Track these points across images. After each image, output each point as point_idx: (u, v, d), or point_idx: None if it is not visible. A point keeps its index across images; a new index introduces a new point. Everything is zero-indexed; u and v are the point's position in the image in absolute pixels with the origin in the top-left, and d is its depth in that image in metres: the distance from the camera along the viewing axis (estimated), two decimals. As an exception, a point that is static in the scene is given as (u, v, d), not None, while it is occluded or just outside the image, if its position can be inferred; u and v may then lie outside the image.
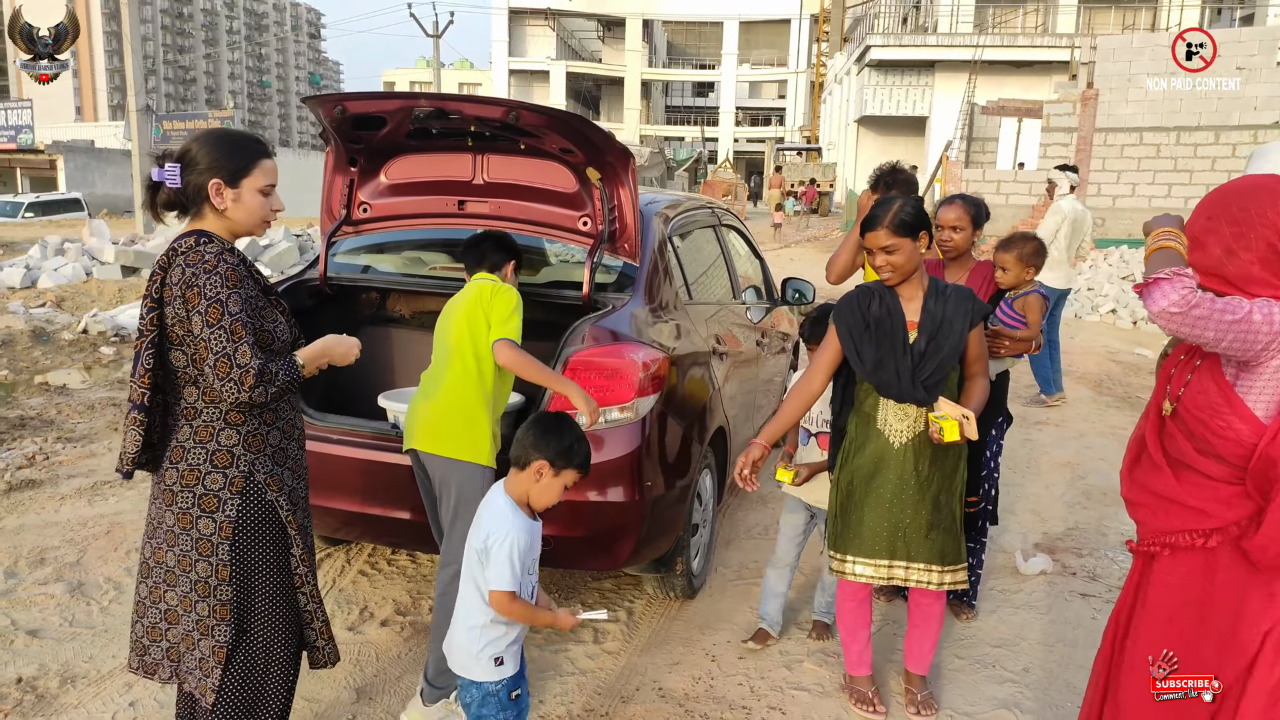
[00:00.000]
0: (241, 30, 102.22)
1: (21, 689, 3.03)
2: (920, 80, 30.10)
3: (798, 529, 3.43)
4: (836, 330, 2.85)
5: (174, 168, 2.17)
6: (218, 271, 2.09)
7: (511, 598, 2.22)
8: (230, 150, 2.20)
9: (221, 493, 2.18)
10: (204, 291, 2.07)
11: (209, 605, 2.21)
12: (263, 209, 2.25)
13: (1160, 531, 1.95)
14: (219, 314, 2.07)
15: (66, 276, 11.38)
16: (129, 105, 18.86)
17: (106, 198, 33.18)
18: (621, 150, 3.27)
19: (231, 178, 2.19)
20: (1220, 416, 1.84)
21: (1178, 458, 1.94)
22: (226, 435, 2.18)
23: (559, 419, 2.34)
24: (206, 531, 2.18)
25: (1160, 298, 1.78)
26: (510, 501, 2.29)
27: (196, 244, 2.14)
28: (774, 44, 64.38)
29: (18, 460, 5.32)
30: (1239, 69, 14.12)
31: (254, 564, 2.23)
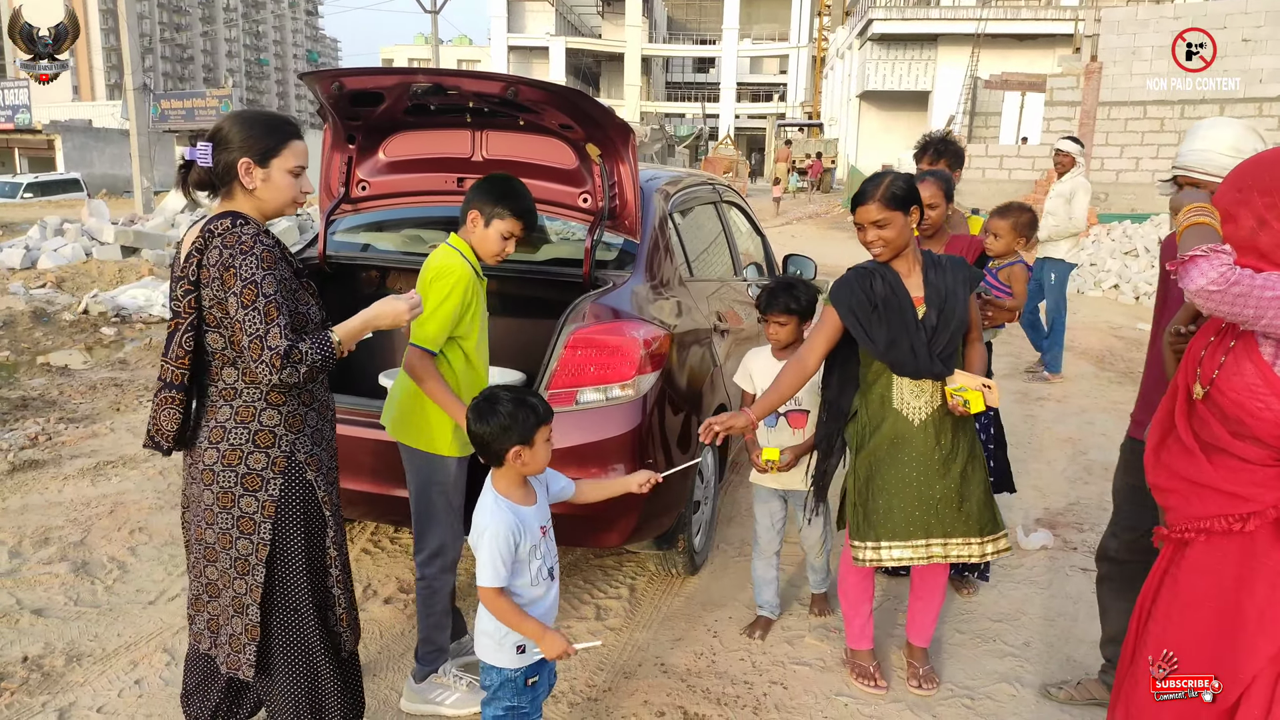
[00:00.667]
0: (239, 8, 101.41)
1: (28, 668, 3.05)
2: (923, 54, 29.88)
3: (775, 516, 3.38)
4: (838, 312, 2.79)
5: (206, 146, 2.17)
6: (254, 253, 2.09)
7: (497, 594, 2.18)
8: (261, 130, 2.20)
9: (264, 472, 2.19)
10: (240, 273, 2.07)
11: (246, 583, 2.22)
12: (292, 189, 2.24)
13: (1194, 517, 1.90)
14: (254, 295, 2.07)
15: (66, 257, 11.36)
16: (126, 84, 18.73)
17: (105, 177, 33.08)
18: (621, 126, 3.25)
19: (261, 157, 2.18)
20: (1258, 398, 1.77)
21: (1211, 442, 1.89)
22: (269, 415, 2.20)
23: (490, 402, 2.21)
24: (249, 510, 2.20)
25: (1198, 275, 1.72)
26: (495, 494, 2.25)
27: (233, 225, 2.12)
28: (775, 18, 63.87)
29: (20, 441, 5.33)
30: (1245, 41, 13.98)
31: (290, 544, 2.25)
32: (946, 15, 29.27)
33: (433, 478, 2.73)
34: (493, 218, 2.71)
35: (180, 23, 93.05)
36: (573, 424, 3.07)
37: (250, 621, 2.24)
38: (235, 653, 2.27)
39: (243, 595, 2.23)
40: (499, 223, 2.71)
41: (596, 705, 2.94)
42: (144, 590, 3.63)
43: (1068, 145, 7.32)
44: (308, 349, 2.10)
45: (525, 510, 2.27)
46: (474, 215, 2.73)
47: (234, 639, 2.27)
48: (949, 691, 3.06)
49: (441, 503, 2.75)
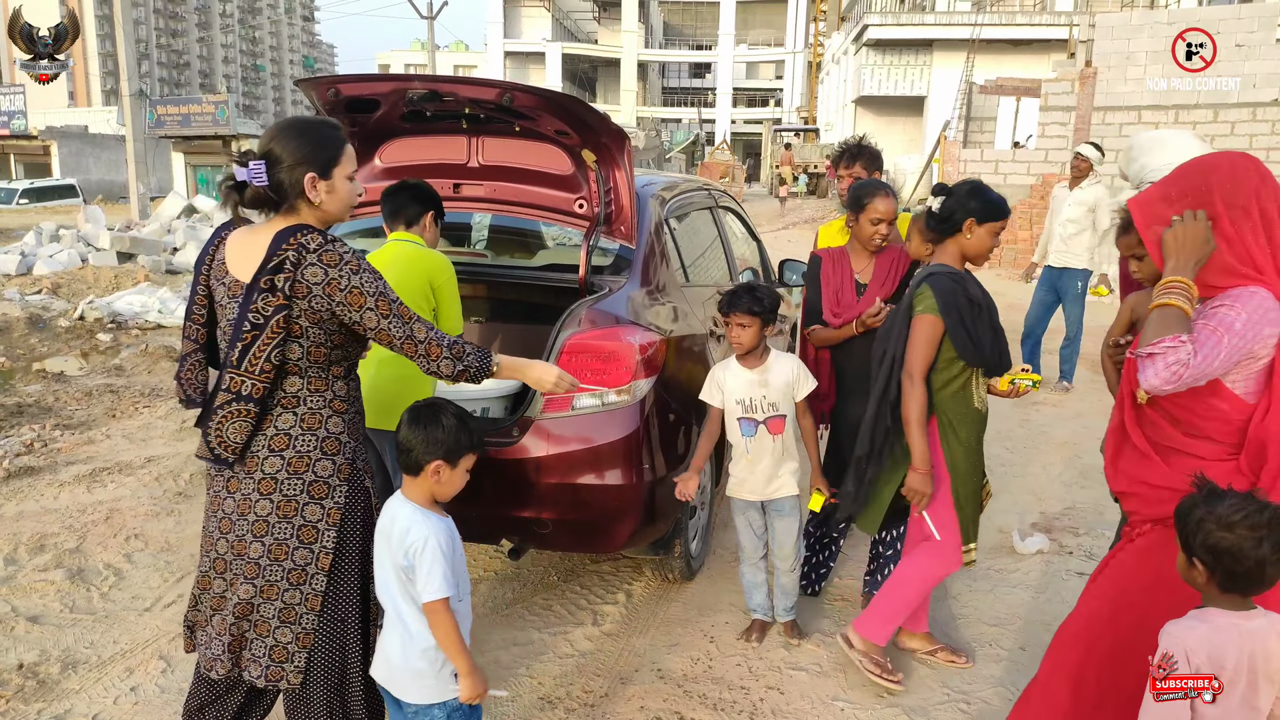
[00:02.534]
0: (235, 14, 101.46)
1: (23, 675, 3.05)
2: (918, 60, 29.93)
3: (755, 523, 3.36)
4: (948, 321, 2.82)
5: (259, 165, 2.12)
6: (365, 268, 2.14)
7: (447, 606, 2.10)
8: (319, 142, 2.18)
9: (331, 479, 2.19)
10: (365, 289, 2.12)
11: (301, 593, 2.18)
12: (352, 196, 2.25)
13: (1157, 518, 1.98)
14: (388, 305, 2.14)
15: (62, 263, 11.36)
16: (122, 90, 18.73)
17: (101, 183, 33.07)
18: (617, 132, 3.25)
19: (324, 169, 2.17)
20: (1202, 400, 1.88)
21: (1165, 444, 1.97)
22: (334, 423, 2.20)
23: (433, 411, 2.19)
24: (313, 518, 2.18)
25: (1152, 376, 1.82)
26: (415, 506, 2.18)
27: (327, 242, 2.13)
28: (771, 24, 63.99)
29: (16, 447, 5.32)
30: (1238, 46, 14.02)
31: (349, 552, 2.24)
32: (941, 21, 29.33)
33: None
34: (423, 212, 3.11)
35: (176, 28, 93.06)
36: (569, 430, 3.08)
37: (304, 630, 2.20)
38: (278, 663, 2.20)
39: (296, 605, 2.18)
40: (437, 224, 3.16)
41: (593, 711, 2.94)
42: (140, 597, 3.63)
43: (1087, 150, 7.08)
44: (470, 350, 2.25)
45: (447, 520, 2.22)
46: (431, 215, 3.14)
47: (276, 649, 2.20)
48: (944, 696, 3.06)
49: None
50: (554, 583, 3.82)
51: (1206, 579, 1.76)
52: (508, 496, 3.12)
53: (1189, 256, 1.90)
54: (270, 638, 2.20)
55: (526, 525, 3.17)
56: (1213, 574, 1.74)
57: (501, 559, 3.96)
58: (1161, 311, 1.87)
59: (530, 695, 3.00)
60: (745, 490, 3.29)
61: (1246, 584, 1.74)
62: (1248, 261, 1.90)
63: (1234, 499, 1.73)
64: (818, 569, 3.74)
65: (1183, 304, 1.86)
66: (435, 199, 3.17)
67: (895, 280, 3.41)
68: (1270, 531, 1.70)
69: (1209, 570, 1.74)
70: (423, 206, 3.12)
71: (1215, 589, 1.76)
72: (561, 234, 4.04)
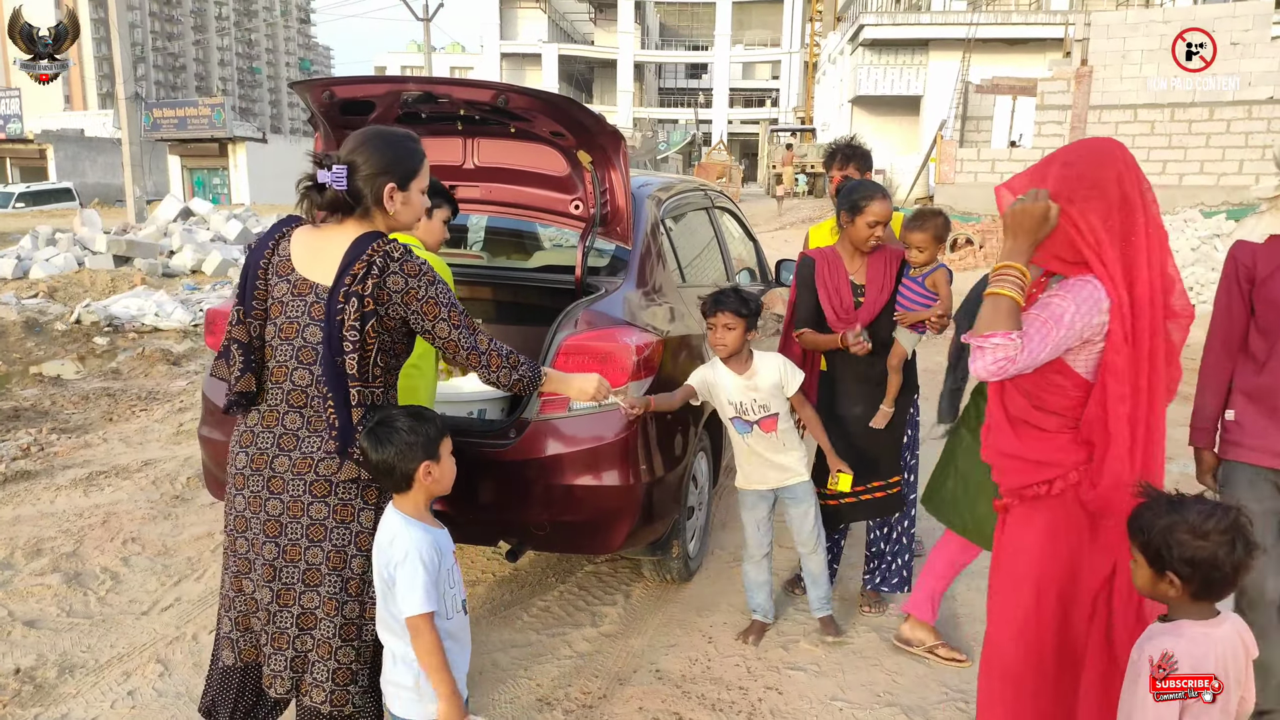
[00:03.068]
0: (231, 16, 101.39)
1: (20, 679, 3.04)
2: (914, 59, 29.99)
3: (763, 519, 3.37)
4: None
5: (341, 170, 2.15)
6: (439, 282, 2.20)
7: (429, 623, 2.03)
8: (401, 153, 2.24)
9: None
10: (439, 300, 2.18)
11: (360, 605, 2.17)
12: (422, 209, 2.34)
13: (1015, 487, 2.12)
14: (459, 316, 2.22)
15: (58, 267, 11.34)
16: (118, 93, 18.70)
17: (97, 187, 33.05)
18: (612, 133, 3.25)
19: (403, 180, 2.22)
20: (1047, 377, 2.02)
21: (1018, 415, 2.10)
22: None
23: (386, 426, 2.13)
24: (369, 525, 2.18)
25: (981, 368, 1.93)
26: (404, 516, 2.13)
27: (407, 253, 2.18)
28: (767, 24, 64.05)
29: (12, 451, 5.31)
30: (1233, 44, 14.05)
31: None
32: (937, 20, 29.39)
33: None
34: (434, 210, 2.97)
35: (172, 31, 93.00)
36: (565, 431, 3.07)
37: (365, 644, 2.19)
38: (343, 685, 2.17)
39: (355, 619, 2.16)
40: (439, 213, 3.01)
41: (591, 712, 2.94)
42: (137, 601, 3.62)
43: None
44: (525, 363, 2.32)
45: (438, 531, 2.17)
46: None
47: (340, 672, 2.16)
48: (942, 695, 3.06)
49: None
50: (552, 584, 3.82)
51: (1180, 591, 1.76)
52: (505, 498, 3.11)
53: (1026, 236, 1.95)
54: (333, 658, 2.16)
55: (524, 527, 3.17)
56: (1188, 585, 1.74)
57: (499, 561, 3.96)
58: (994, 302, 1.93)
59: (528, 697, 3.00)
60: (755, 481, 3.31)
61: (1221, 590, 1.75)
62: (1093, 247, 1.95)
63: (1198, 505, 1.74)
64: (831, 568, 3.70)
65: (1014, 294, 1.92)
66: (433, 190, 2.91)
67: (891, 280, 3.40)
68: (1238, 534, 1.71)
69: (1185, 582, 1.74)
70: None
71: (1187, 599, 1.77)
72: (558, 235, 4.05)
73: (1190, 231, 12.29)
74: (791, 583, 3.77)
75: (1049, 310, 1.95)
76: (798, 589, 3.72)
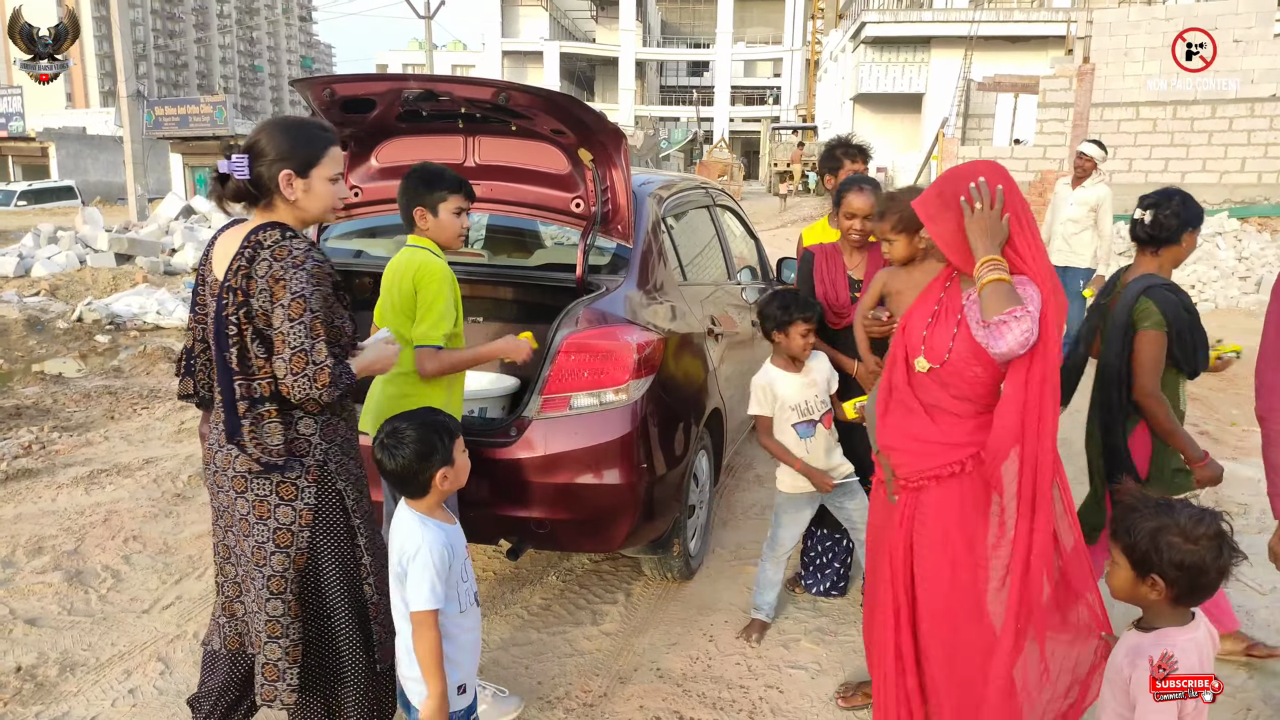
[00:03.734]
0: (232, 14, 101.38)
1: (21, 677, 3.04)
2: (916, 57, 29.93)
3: (804, 521, 3.37)
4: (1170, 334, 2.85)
5: (242, 159, 2.15)
6: (304, 267, 2.09)
7: (433, 620, 2.07)
8: (300, 139, 2.19)
9: (299, 480, 2.18)
10: (290, 286, 2.08)
11: (283, 602, 2.19)
12: (332, 197, 2.25)
13: (925, 469, 2.28)
14: (301, 309, 2.08)
15: (60, 265, 11.35)
16: (120, 91, 18.70)
17: (99, 185, 33.05)
18: (613, 131, 3.25)
19: (302, 167, 2.18)
20: (972, 369, 2.21)
21: (933, 403, 2.29)
22: (305, 424, 2.20)
23: (395, 437, 2.16)
24: (285, 520, 2.18)
25: (1011, 341, 2.05)
26: (415, 514, 2.18)
27: (283, 238, 2.13)
28: (769, 21, 63.97)
29: (14, 449, 5.32)
30: (1236, 41, 14.01)
31: (327, 553, 2.23)
32: (939, 17, 29.33)
33: None
34: (437, 204, 2.77)
35: (174, 29, 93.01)
36: (566, 429, 3.07)
37: (291, 642, 2.20)
38: (271, 681, 2.20)
39: (279, 617, 2.18)
40: (445, 206, 2.78)
41: (593, 710, 2.94)
42: (138, 599, 3.62)
43: (1090, 149, 6.93)
44: (342, 371, 2.14)
45: (451, 528, 2.21)
46: (420, 212, 2.78)
47: (268, 667, 2.20)
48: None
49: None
50: (553, 582, 3.82)
51: (1162, 595, 1.78)
52: (506, 496, 3.11)
53: (993, 238, 2.14)
54: (263, 653, 2.20)
55: (525, 525, 3.17)
56: (1172, 588, 1.76)
57: (500, 559, 3.96)
58: (995, 287, 2.11)
59: (529, 695, 3.00)
60: (804, 485, 3.26)
61: (1203, 595, 1.78)
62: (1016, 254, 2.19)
63: (1186, 509, 1.77)
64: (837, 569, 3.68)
65: (1007, 277, 2.12)
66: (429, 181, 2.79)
67: None
68: (1225, 540, 1.74)
69: (1170, 585, 1.76)
70: (407, 201, 2.81)
71: (1167, 604, 1.79)
72: (559, 233, 4.04)
73: (1192, 229, 12.26)
74: (792, 581, 3.76)
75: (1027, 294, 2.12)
76: (798, 588, 3.72)
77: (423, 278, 2.69)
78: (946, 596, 2.27)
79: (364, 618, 2.31)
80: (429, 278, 2.69)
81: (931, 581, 2.30)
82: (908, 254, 2.91)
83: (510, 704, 2.87)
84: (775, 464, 3.34)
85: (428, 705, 2.09)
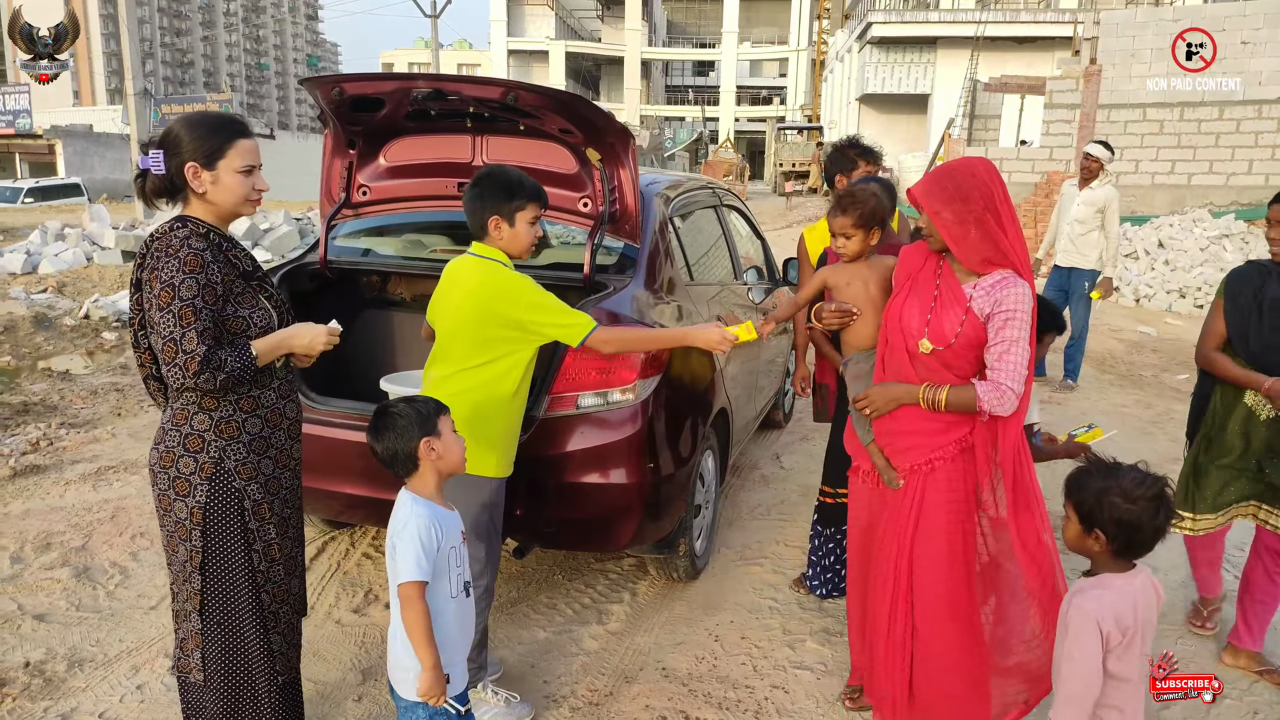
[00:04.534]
0: (239, 13, 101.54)
1: (29, 673, 3.06)
2: (922, 57, 29.92)
3: None
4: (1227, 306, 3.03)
5: (158, 154, 2.18)
6: (177, 256, 2.09)
7: (419, 592, 2.07)
8: (204, 133, 2.19)
9: (192, 477, 2.19)
10: (160, 275, 2.09)
11: (187, 590, 2.26)
12: (242, 189, 2.23)
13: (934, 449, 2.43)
14: (169, 298, 2.07)
15: (67, 262, 11.37)
16: (127, 89, 18.76)
17: (106, 182, 33.10)
18: (621, 130, 3.25)
19: (207, 160, 2.18)
20: (974, 349, 2.38)
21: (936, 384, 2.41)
22: (199, 420, 2.19)
23: (381, 415, 2.17)
24: (181, 515, 2.21)
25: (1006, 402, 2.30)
26: (412, 495, 2.19)
27: (170, 229, 2.16)
28: (775, 21, 63.95)
29: (22, 446, 5.34)
30: (1243, 43, 13.98)
31: (223, 554, 2.24)
32: (945, 18, 29.30)
33: (483, 500, 2.71)
34: (515, 213, 2.67)
35: (180, 27, 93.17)
36: (573, 428, 3.08)
37: (193, 628, 2.28)
38: (185, 655, 2.32)
39: (185, 602, 2.27)
40: (522, 215, 2.68)
41: (598, 710, 2.94)
42: (145, 595, 3.64)
43: (1096, 150, 6.89)
44: (228, 356, 2.10)
45: (444, 511, 2.22)
46: (495, 220, 2.66)
47: (184, 643, 2.31)
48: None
49: (488, 522, 2.74)
50: (559, 581, 3.82)
51: (1104, 547, 1.97)
52: (512, 495, 3.12)
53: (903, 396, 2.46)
54: (181, 627, 2.31)
55: (531, 524, 3.17)
56: (1112, 543, 1.96)
57: (506, 558, 3.96)
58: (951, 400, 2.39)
59: (535, 694, 3.01)
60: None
61: (1140, 550, 1.96)
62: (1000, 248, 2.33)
63: (1131, 473, 1.96)
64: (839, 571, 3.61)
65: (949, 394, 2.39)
66: (509, 188, 2.67)
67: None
68: (1163, 502, 1.93)
69: (1110, 540, 1.95)
70: (482, 207, 2.66)
71: (1109, 556, 1.98)
72: (566, 233, 4.04)
73: (1199, 231, 12.24)
74: (797, 581, 3.77)
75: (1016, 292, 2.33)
76: (802, 588, 3.72)
77: (512, 287, 2.60)
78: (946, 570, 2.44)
79: (264, 625, 2.31)
80: (516, 292, 2.60)
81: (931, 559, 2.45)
82: (860, 250, 2.79)
83: (522, 709, 2.88)
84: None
85: (424, 678, 2.09)
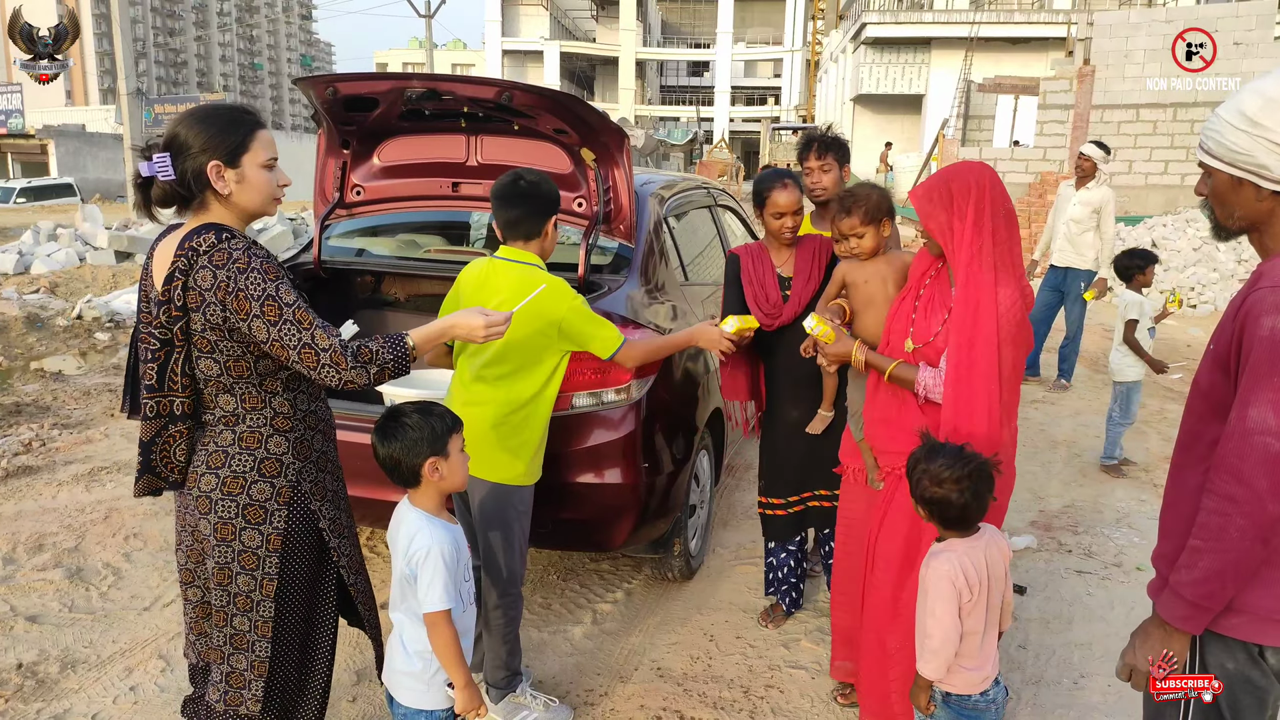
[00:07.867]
0: (232, 12, 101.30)
1: (22, 674, 3.04)
2: (916, 58, 29.94)
3: None
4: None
5: (163, 158, 1.95)
6: (255, 268, 1.92)
7: (448, 619, 2.05)
8: (223, 126, 1.97)
9: (269, 503, 2.05)
10: (250, 293, 1.91)
11: (249, 620, 2.10)
12: (270, 185, 2.04)
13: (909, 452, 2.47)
14: (277, 310, 1.91)
15: (60, 262, 11.33)
16: (120, 89, 18.68)
17: (99, 182, 33.00)
18: (616, 130, 3.25)
19: (230, 157, 1.97)
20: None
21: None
22: (275, 443, 2.06)
23: (394, 420, 2.10)
24: (252, 544, 2.05)
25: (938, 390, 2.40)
26: (422, 513, 2.13)
27: (219, 240, 1.93)
28: (769, 22, 63.97)
29: (14, 447, 5.32)
30: (1236, 44, 14.04)
31: (294, 577, 2.14)
32: (940, 19, 29.33)
33: (513, 507, 2.71)
34: (555, 219, 2.74)
35: (174, 27, 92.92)
36: (567, 429, 3.07)
37: (258, 657, 2.12)
38: (237, 689, 2.14)
39: (247, 632, 2.11)
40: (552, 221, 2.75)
41: (593, 710, 2.94)
42: (139, 596, 3.62)
43: (1091, 150, 6.87)
44: (378, 348, 1.98)
45: (453, 527, 2.18)
46: (549, 224, 2.71)
47: (234, 676, 2.14)
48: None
49: (519, 530, 2.74)
50: (553, 581, 3.82)
51: (928, 519, 2.19)
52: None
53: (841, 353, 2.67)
54: (229, 662, 2.14)
55: (526, 524, 3.17)
56: (930, 518, 2.18)
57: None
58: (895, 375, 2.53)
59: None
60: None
61: (957, 525, 2.15)
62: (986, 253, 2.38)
63: (945, 456, 2.11)
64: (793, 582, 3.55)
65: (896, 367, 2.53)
66: (556, 196, 2.72)
67: (820, 271, 3.14)
68: (972, 482, 2.08)
69: (928, 515, 2.17)
70: (542, 209, 2.68)
71: (939, 526, 2.19)
72: (560, 233, 4.03)
73: (1192, 231, 12.27)
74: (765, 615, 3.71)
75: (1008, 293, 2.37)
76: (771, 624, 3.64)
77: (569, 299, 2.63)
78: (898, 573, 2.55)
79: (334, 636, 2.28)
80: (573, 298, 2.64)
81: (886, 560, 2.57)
82: (875, 246, 2.76)
83: (562, 713, 2.88)
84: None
85: (460, 696, 2.10)
